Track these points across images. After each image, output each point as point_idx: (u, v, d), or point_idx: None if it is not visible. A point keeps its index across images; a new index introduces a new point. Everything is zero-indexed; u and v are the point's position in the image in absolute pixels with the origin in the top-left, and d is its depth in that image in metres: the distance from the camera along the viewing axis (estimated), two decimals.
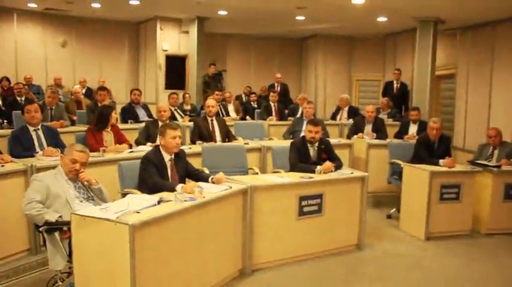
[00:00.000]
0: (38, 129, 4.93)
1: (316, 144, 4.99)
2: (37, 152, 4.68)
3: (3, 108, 7.96)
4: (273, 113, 8.63)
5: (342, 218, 4.70)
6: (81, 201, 3.42)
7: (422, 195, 5.19)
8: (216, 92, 9.00)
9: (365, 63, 12.64)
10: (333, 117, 8.96)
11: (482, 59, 9.12)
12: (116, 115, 5.53)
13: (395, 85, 10.29)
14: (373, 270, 4.40)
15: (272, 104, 8.80)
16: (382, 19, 9.75)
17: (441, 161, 5.42)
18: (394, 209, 6.05)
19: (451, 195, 5.29)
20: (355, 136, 7.11)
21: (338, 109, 8.94)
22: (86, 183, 3.51)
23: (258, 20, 10.46)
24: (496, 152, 5.99)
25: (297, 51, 13.65)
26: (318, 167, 4.71)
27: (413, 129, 7.41)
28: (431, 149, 5.71)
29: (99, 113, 5.41)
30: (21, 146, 4.71)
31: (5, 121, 7.11)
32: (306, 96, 9.58)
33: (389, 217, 6.10)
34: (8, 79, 9.63)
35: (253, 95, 10.58)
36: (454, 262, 4.66)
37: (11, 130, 5.39)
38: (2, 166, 4.10)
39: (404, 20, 9.50)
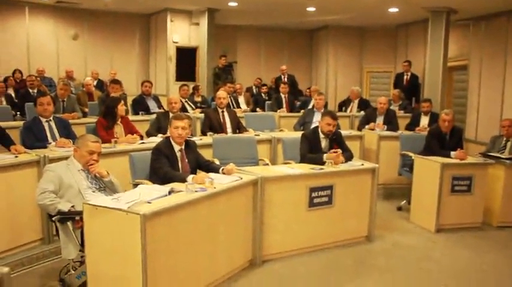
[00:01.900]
0: (50, 120, 4.98)
1: None
2: (49, 143, 4.73)
3: (16, 100, 8.06)
4: (284, 105, 8.61)
5: (352, 210, 4.69)
6: (93, 191, 3.46)
7: (433, 187, 5.16)
8: (228, 85, 9.00)
9: (376, 54, 12.52)
10: (340, 107, 8.93)
11: (496, 50, 8.97)
12: (123, 107, 5.47)
13: (405, 77, 10.22)
14: (383, 262, 4.40)
15: (282, 96, 8.78)
16: (393, 10, 9.65)
17: (453, 153, 5.38)
18: (405, 201, 6.04)
19: (463, 187, 5.24)
20: (366, 127, 7.08)
21: (348, 101, 8.90)
22: (97, 175, 3.55)
23: (268, 12, 10.41)
24: (509, 144, 5.93)
25: (308, 42, 13.58)
26: (325, 155, 4.68)
27: (424, 121, 7.34)
28: (443, 141, 5.66)
29: (106, 106, 5.47)
30: (34, 137, 4.75)
31: (18, 113, 7.21)
32: (317, 88, 9.58)
33: (399, 208, 6.08)
34: (20, 72, 9.74)
35: (265, 87, 10.58)
36: (464, 254, 4.64)
37: (23, 121, 5.44)
38: (16, 156, 4.15)
39: (416, 11, 9.39)
